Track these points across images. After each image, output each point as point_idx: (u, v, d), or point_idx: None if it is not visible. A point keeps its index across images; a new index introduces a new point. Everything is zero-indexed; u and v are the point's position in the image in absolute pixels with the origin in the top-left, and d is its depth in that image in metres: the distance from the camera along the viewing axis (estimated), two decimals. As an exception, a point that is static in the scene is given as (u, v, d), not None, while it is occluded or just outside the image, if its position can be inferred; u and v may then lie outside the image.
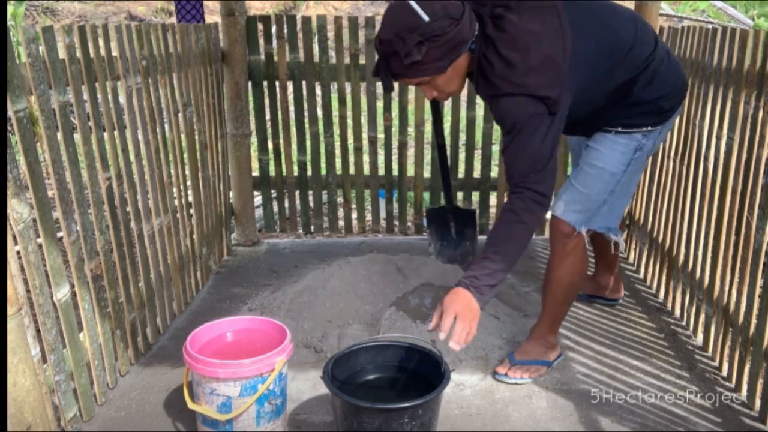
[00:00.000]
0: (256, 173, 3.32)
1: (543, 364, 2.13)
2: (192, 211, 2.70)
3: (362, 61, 3.12)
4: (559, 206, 2.01)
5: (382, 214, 3.44)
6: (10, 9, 4.44)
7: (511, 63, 1.68)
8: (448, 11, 1.65)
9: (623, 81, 1.83)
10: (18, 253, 1.54)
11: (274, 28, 3.08)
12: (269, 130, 3.35)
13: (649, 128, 1.91)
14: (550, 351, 2.15)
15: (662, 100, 1.89)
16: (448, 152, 2.99)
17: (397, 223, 3.44)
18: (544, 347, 2.13)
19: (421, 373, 1.85)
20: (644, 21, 1.92)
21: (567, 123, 1.81)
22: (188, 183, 2.62)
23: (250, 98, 3.21)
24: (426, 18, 1.63)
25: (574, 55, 1.72)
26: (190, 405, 1.77)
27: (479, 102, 3.21)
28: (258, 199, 3.54)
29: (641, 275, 2.90)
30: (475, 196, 3.45)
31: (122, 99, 2.09)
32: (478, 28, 1.72)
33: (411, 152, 3.37)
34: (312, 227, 3.45)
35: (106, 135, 1.99)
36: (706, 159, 2.28)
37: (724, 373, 2.13)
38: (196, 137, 2.66)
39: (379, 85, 3.18)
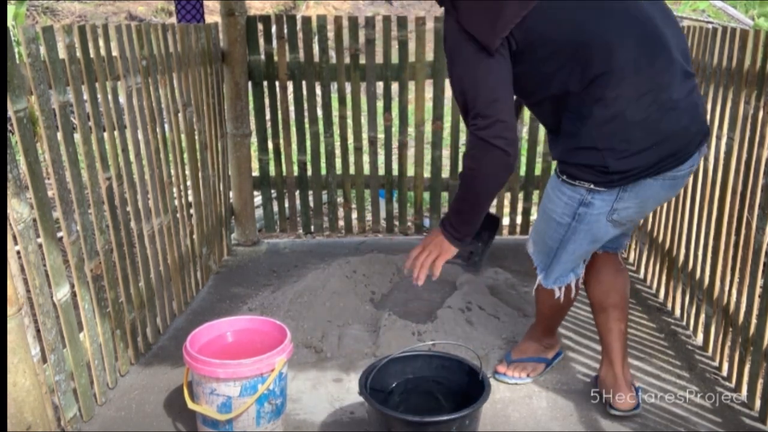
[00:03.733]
0: (256, 173, 3.32)
1: (540, 361, 2.11)
2: (192, 211, 2.70)
3: (362, 61, 3.11)
4: (529, 244, 1.93)
5: (382, 214, 3.44)
6: (11, 9, 4.44)
7: None
8: None
9: (575, 91, 1.56)
10: (18, 253, 1.54)
11: (274, 28, 3.08)
12: (269, 130, 3.35)
13: (593, 186, 1.61)
14: (548, 349, 2.14)
15: (609, 154, 1.55)
16: (448, 152, 2.99)
17: (397, 223, 3.44)
18: (541, 345, 2.12)
19: (455, 382, 1.84)
20: (660, 44, 1.56)
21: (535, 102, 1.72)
22: (188, 183, 2.62)
23: (250, 98, 3.21)
24: None
25: (537, 18, 1.53)
26: (190, 405, 1.77)
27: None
28: (258, 199, 3.54)
29: (641, 275, 2.90)
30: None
31: (122, 99, 2.09)
32: None
33: (411, 152, 3.37)
34: (312, 227, 3.45)
35: (106, 135, 1.99)
36: (706, 159, 2.28)
37: (724, 373, 2.13)
38: (196, 137, 2.66)
39: (379, 85, 3.19)
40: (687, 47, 1.67)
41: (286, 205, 3.39)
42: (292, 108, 3.30)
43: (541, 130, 3.13)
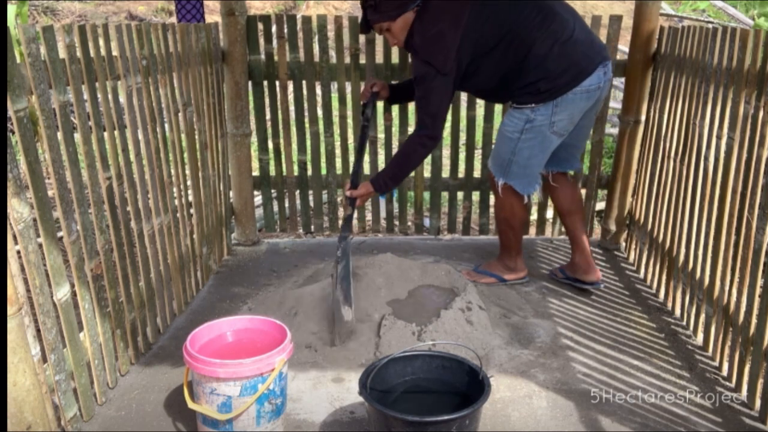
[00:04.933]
0: (256, 173, 3.32)
1: (496, 278, 2.75)
2: (192, 210, 2.70)
3: (362, 60, 3.12)
4: (489, 161, 2.64)
5: (382, 214, 3.44)
6: (13, 9, 4.43)
7: (419, 31, 2.36)
8: None
9: (510, 64, 2.35)
10: (18, 252, 1.54)
11: (274, 28, 3.08)
12: (269, 130, 3.35)
13: (532, 105, 2.37)
14: (509, 272, 2.76)
15: (541, 82, 2.33)
16: (448, 152, 2.99)
17: (397, 222, 3.44)
18: (503, 267, 2.76)
19: (455, 382, 1.84)
20: (555, 18, 2.34)
21: (482, 91, 2.58)
22: (188, 183, 2.62)
23: (251, 98, 3.21)
24: None
25: (473, 33, 2.32)
26: (191, 405, 1.77)
27: (479, 102, 3.21)
28: (258, 199, 3.54)
29: (641, 275, 2.90)
30: (476, 195, 3.46)
31: (122, 99, 2.09)
32: None
33: (411, 152, 3.36)
34: (312, 227, 3.45)
35: (106, 134, 1.99)
36: (706, 159, 2.28)
37: (725, 373, 2.13)
38: (197, 137, 2.66)
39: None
40: (573, 10, 2.46)
41: (287, 204, 3.39)
42: (292, 108, 3.31)
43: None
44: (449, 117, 3.36)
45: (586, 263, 2.69)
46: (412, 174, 3.30)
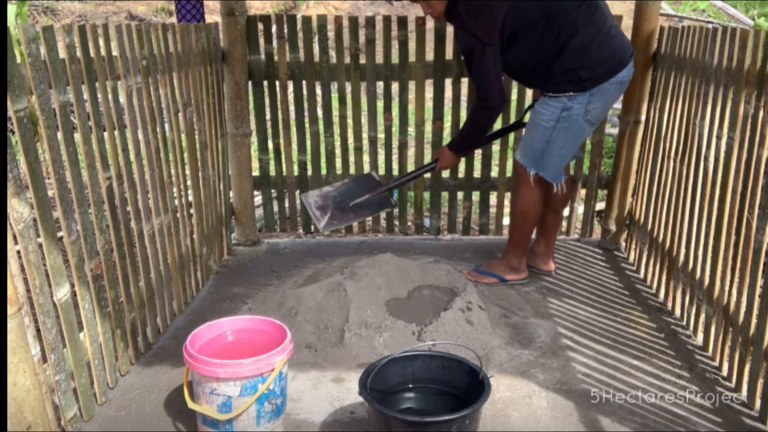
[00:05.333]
0: (256, 173, 3.32)
1: (497, 277, 2.77)
2: (192, 210, 2.70)
3: (362, 60, 3.12)
4: (517, 152, 2.66)
5: (383, 213, 3.44)
6: (13, 9, 4.43)
7: (464, 2, 2.42)
8: None
9: (555, 44, 2.38)
10: (18, 252, 1.54)
11: (274, 28, 3.08)
12: (269, 130, 3.35)
13: (571, 93, 2.41)
14: (511, 272, 2.77)
15: (580, 70, 2.38)
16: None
17: (397, 222, 3.44)
18: (505, 266, 2.77)
19: (455, 382, 1.85)
20: (597, 9, 2.40)
21: (515, 70, 2.54)
22: (188, 183, 2.62)
23: (251, 98, 3.21)
24: None
25: (518, 12, 2.37)
26: (191, 405, 1.77)
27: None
28: (258, 199, 3.54)
29: (641, 275, 2.90)
30: (476, 195, 3.45)
31: (122, 99, 2.09)
32: None
33: (411, 152, 3.37)
34: (312, 227, 3.45)
35: (106, 135, 1.99)
36: (706, 159, 2.28)
37: (724, 373, 2.13)
38: (197, 137, 2.66)
39: (379, 85, 3.19)
40: (607, 8, 2.52)
41: (286, 204, 3.39)
42: (292, 108, 3.31)
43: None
44: (449, 117, 3.37)
45: (548, 255, 2.88)
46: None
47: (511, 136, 3.17)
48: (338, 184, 2.74)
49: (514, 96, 3.10)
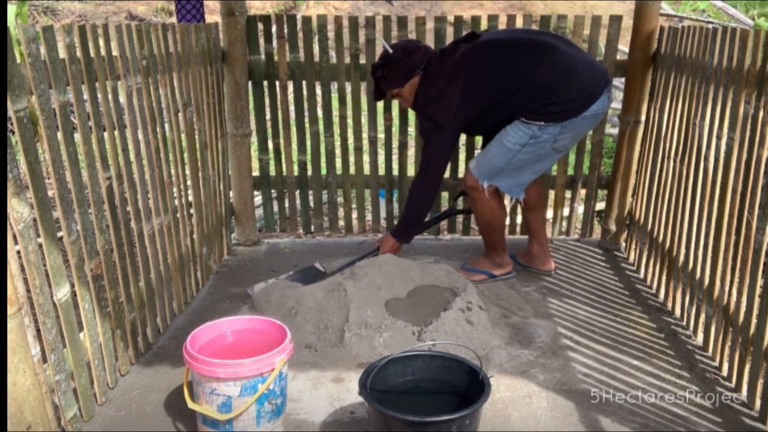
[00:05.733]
0: (256, 173, 3.32)
1: (486, 274, 2.82)
2: (192, 210, 2.70)
3: (362, 60, 3.11)
4: (472, 162, 2.68)
5: (383, 213, 3.44)
6: (13, 9, 4.43)
7: (421, 92, 2.57)
8: (407, 47, 2.61)
9: (518, 100, 2.46)
10: (18, 252, 1.54)
11: (274, 28, 3.08)
12: (269, 130, 3.35)
13: (542, 123, 2.44)
14: (497, 268, 2.83)
15: (550, 105, 2.42)
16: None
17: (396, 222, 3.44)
18: (491, 263, 2.84)
19: (455, 382, 1.84)
20: (554, 50, 2.46)
21: (483, 127, 2.63)
22: (188, 183, 2.62)
23: (251, 98, 3.21)
24: (391, 51, 2.59)
25: (471, 88, 2.47)
26: (191, 405, 1.77)
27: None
28: (258, 199, 3.54)
29: (641, 275, 2.90)
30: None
31: (122, 99, 2.09)
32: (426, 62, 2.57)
33: (411, 152, 3.38)
34: (312, 227, 3.45)
35: (106, 135, 1.99)
36: (706, 159, 2.28)
37: (724, 373, 2.13)
38: (197, 137, 2.66)
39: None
40: (563, 36, 2.79)
41: (286, 204, 3.39)
42: (292, 108, 3.30)
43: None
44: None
45: (544, 254, 2.90)
46: (412, 173, 3.30)
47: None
48: (283, 276, 2.74)
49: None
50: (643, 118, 2.98)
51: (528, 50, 2.49)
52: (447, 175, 3.31)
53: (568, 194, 3.37)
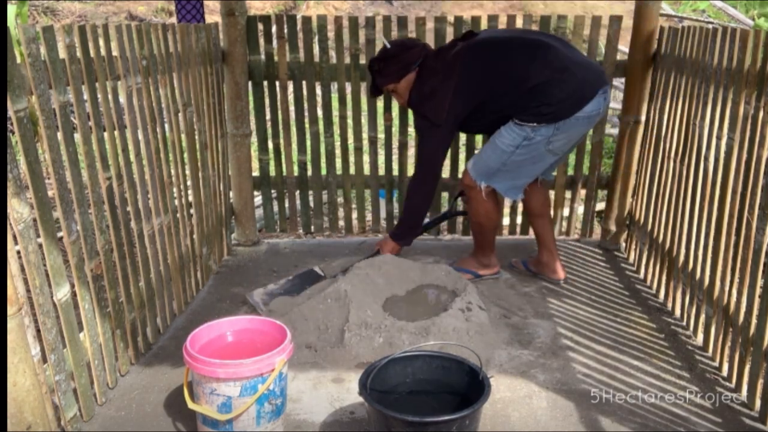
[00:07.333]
0: (256, 173, 3.32)
1: (472, 273, 2.82)
2: (192, 210, 2.70)
3: (362, 61, 3.11)
4: (470, 162, 2.68)
5: (383, 214, 3.44)
6: (13, 9, 4.43)
7: (416, 89, 2.57)
8: (405, 43, 2.65)
9: (511, 100, 2.45)
10: (18, 252, 1.54)
11: (274, 28, 3.08)
12: (269, 130, 3.35)
13: (535, 125, 2.43)
14: (484, 268, 2.84)
15: (542, 107, 2.40)
16: (448, 153, 3.00)
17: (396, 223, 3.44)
18: (477, 263, 2.85)
19: (455, 382, 1.85)
20: (549, 49, 2.43)
21: (480, 126, 2.66)
22: (188, 183, 2.62)
23: (251, 98, 3.21)
24: (388, 46, 2.63)
25: (465, 85, 2.46)
26: (190, 405, 1.77)
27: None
28: (258, 199, 3.54)
29: (641, 275, 2.90)
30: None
31: (122, 99, 2.09)
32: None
33: (411, 152, 3.38)
34: (312, 227, 3.45)
35: (106, 135, 1.99)
36: (706, 159, 2.28)
37: (725, 373, 2.13)
38: (197, 137, 2.66)
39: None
40: (562, 37, 2.76)
41: (286, 205, 3.39)
42: (292, 108, 3.30)
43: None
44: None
45: (554, 263, 2.83)
46: (411, 174, 3.30)
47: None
48: (282, 281, 2.72)
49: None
50: (643, 118, 2.98)
51: (523, 49, 2.48)
52: (447, 175, 3.32)
53: (568, 194, 3.37)
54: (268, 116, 3.32)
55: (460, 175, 3.29)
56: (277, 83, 3.17)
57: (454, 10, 9.12)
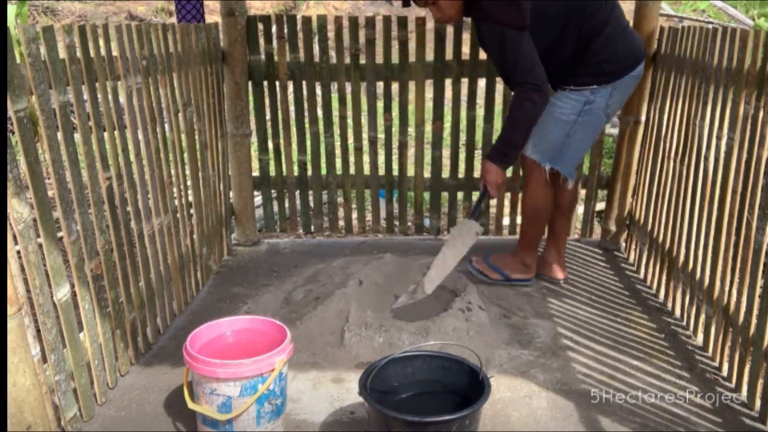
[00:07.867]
0: (256, 173, 3.32)
1: (502, 276, 2.71)
2: (192, 210, 2.70)
3: (362, 60, 3.11)
4: (528, 148, 2.52)
5: (382, 214, 3.44)
6: (13, 9, 4.43)
7: None
8: None
9: (579, 39, 2.36)
10: (18, 252, 1.54)
11: (274, 28, 3.08)
12: (269, 130, 3.35)
13: (595, 86, 2.40)
14: (519, 272, 2.72)
15: (604, 63, 2.38)
16: (448, 153, 3.00)
17: (397, 223, 3.44)
18: (517, 264, 2.71)
19: (455, 382, 1.85)
20: (615, 5, 2.42)
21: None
22: (188, 183, 2.62)
23: (251, 98, 3.21)
24: None
25: (533, 12, 2.27)
26: (190, 405, 1.77)
27: (479, 103, 3.22)
28: (258, 199, 3.54)
29: (641, 275, 2.90)
30: (475, 195, 3.45)
31: (122, 99, 2.09)
32: None
33: (411, 152, 3.37)
34: (312, 227, 3.45)
35: (106, 135, 1.99)
36: (706, 159, 2.28)
37: (724, 373, 2.13)
38: (197, 137, 2.66)
39: (379, 85, 3.20)
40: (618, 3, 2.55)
41: (286, 205, 3.39)
42: (292, 108, 3.30)
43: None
44: (449, 117, 3.37)
45: (559, 262, 2.80)
46: (412, 174, 3.31)
47: None
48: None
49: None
50: (643, 118, 2.98)
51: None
52: (447, 174, 3.32)
53: (568, 194, 3.37)
54: (268, 116, 3.32)
55: (460, 175, 3.30)
56: (277, 83, 3.17)
57: (454, 10, 9.10)
